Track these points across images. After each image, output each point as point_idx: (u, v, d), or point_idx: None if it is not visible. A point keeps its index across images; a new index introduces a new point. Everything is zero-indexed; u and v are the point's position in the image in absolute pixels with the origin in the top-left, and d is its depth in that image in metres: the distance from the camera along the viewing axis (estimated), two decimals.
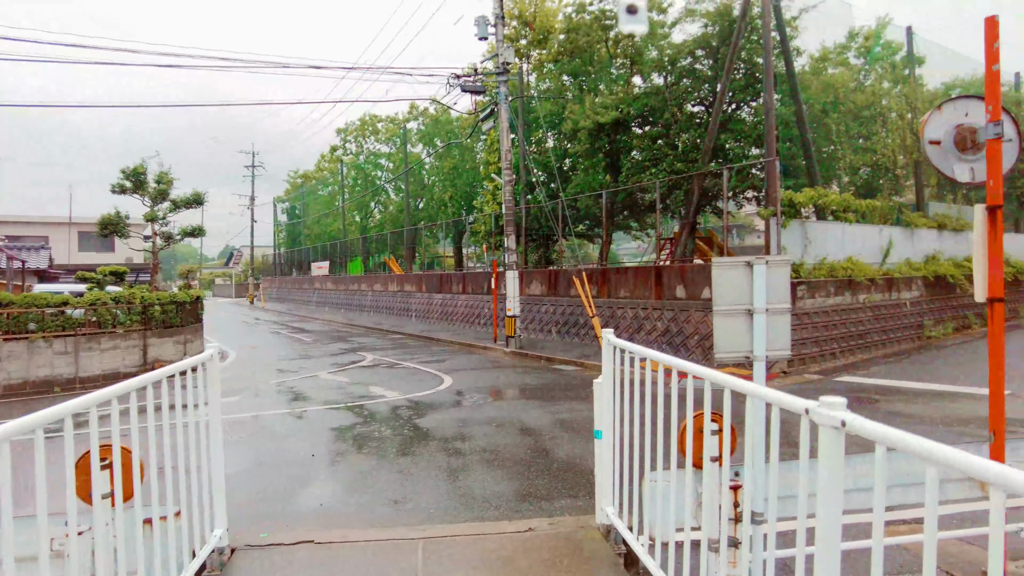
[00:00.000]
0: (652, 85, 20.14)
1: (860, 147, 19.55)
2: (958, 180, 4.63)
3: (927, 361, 13.76)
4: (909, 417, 8.96)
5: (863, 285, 14.83)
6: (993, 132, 4.24)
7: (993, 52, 4.22)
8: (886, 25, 20.05)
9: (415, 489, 6.31)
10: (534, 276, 20.60)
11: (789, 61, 17.00)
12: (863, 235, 15.87)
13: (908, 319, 15.97)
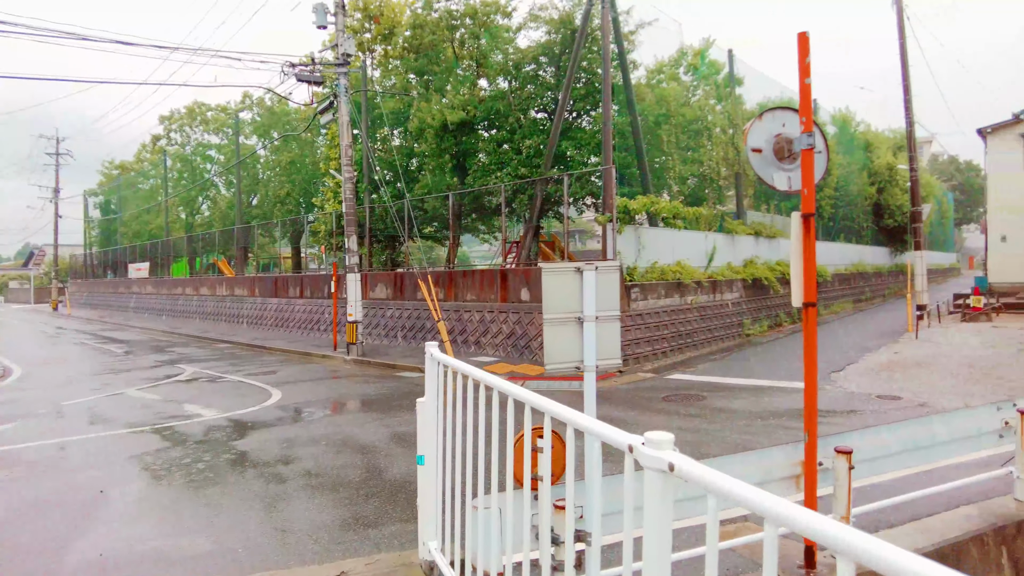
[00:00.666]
0: (498, 89, 20.16)
1: (689, 159, 20.94)
2: (777, 188, 4.76)
3: (747, 357, 14.89)
4: (733, 412, 9.49)
5: (691, 287, 15.79)
6: (807, 142, 4.38)
7: (805, 66, 4.35)
8: (710, 45, 21.68)
9: (223, 526, 5.50)
10: (379, 279, 19.78)
11: (626, 73, 17.73)
12: (691, 241, 16.93)
13: (730, 318, 17.27)
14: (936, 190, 42.62)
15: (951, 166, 66.34)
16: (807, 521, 1.12)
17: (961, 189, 63.68)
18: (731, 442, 7.79)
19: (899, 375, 11.79)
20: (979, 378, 11.20)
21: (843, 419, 8.86)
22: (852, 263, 27.73)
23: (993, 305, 19.63)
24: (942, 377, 11.44)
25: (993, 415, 5.57)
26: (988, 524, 5.10)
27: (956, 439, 5.39)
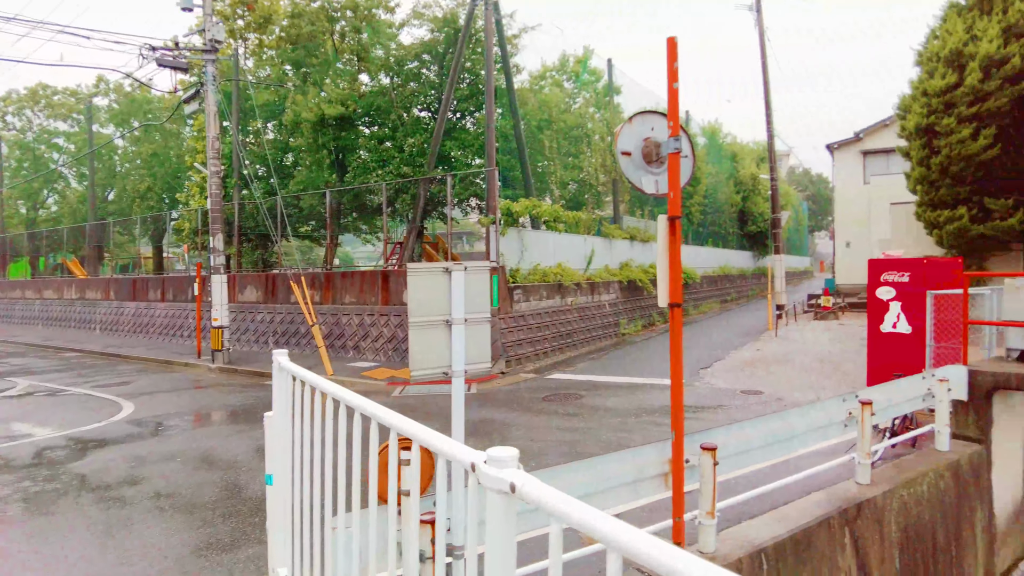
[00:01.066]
0: (379, 85, 19.64)
1: (570, 164, 21.44)
2: (645, 191, 4.82)
3: (623, 356, 15.38)
4: (609, 410, 9.70)
5: (571, 289, 16.10)
6: (673, 146, 4.46)
7: (673, 70, 4.43)
8: (590, 55, 22.32)
9: (49, 561, 4.82)
10: (249, 281, 18.63)
11: (509, 76, 17.83)
12: (571, 244, 17.29)
13: (607, 318, 17.79)
14: (793, 199, 46.50)
15: (805, 178, 72.76)
16: (646, 551, 1.00)
17: (814, 199, 69.99)
18: (607, 440, 7.92)
19: (761, 371, 12.60)
20: (829, 372, 12.20)
21: (711, 414, 9.30)
22: (719, 266, 29.59)
23: (840, 304, 21.61)
24: (798, 372, 12.36)
25: (840, 407, 6.00)
26: (835, 508, 5.46)
27: (810, 430, 5.74)
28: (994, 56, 14.00)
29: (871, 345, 9.49)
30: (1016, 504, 7.58)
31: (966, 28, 14.82)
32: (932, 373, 6.98)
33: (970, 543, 6.82)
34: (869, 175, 24.23)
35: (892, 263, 9.32)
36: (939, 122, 14.71)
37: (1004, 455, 7.43)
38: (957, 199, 15.07)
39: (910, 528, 6.07)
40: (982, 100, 14.14)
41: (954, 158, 14.51)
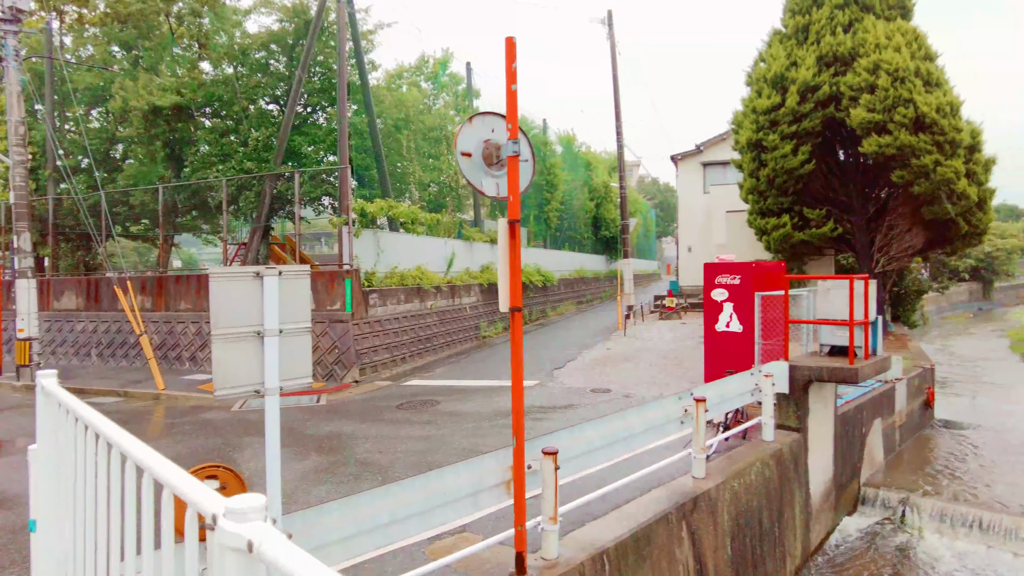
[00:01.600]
0: (223, 74, 18.21)
1: (430, 166, 21.16)
2: (486, 193, 4.70)
3: (483, 359, 15.36)
4: (465, 415, 9.56)
5: (431, 292, 15.85)
6: (512, 149, 4.37)
7: (512, 71, 4.34)
8: (450, 57, 22.21)
9: None
10: (67, 286, 16.54)
11: (364, 72, 17.24)
12: (431, 246, 17.04)
13: (468, 322, 17.73)
14: (642, 207, 49.35)
15: (654, 187, 77.73)
16: None
17: (661, 207, 74.87)
18: (461, 447, 7.77)
19: (610, 369, 13.08)
20: (672, 368, 12.91)
21: (562, 414, 9.44)
22: (576, 269, 30.65)
23: (683, 305, 23.10)
24: (644, 369, 12.96)
25: (676, 404, 6.25)
26: (673, 503, 5.66)
27: (649, 428, 5.91)
28: (809, 82, 15.57)
29: (707, 343, 10.12)
30: (827, 484, 8.36)
31: (787, 55, 16.37)
32: (759, 369, 7.51)
33: (790, 523, 7.41)
34: (709, 185, 26.17)
35: (725, 267, 9.99)
36: (766, 138, 16.12)
37: (818, 441, 8.17)
38: (782, 208, 16.60)
39: (740, 515, 6.46)
40: (800, 120, 15.68)
41: (778, 171, 15.96)
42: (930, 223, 15.26)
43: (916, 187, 14.24)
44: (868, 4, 15.69)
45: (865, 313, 7.87)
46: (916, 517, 8.41)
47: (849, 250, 17.38)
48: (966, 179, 14.41)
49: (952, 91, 14.76)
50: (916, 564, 7.54)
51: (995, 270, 44.57)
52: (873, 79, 14.41)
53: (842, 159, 16.88)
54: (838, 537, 8.33)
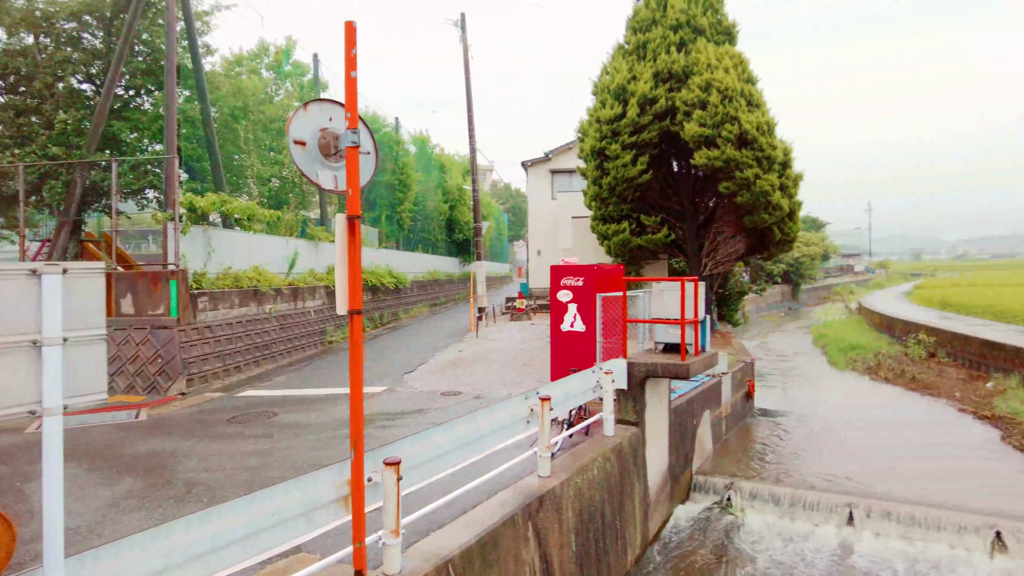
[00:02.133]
0: (20, 43, 15.83)
1: (271, 159, 19.88)
2: (323, 186, 4.38)
3: (328, 366, 14.64)
4: (305, 426, 8.99)
5: (270, 295, 14.85)
6: (351, 140, 4.09)
7: (351, 58, 4.06)
8: (294, 45, 21.03)
9: None
10: None
11: (196, 55, 15.82)
12: (270, 245, 15.98)
13: (313, 326, 16.85)
14: (495, 211, 50.18)
15: (506, 192, 79.37)
16: None
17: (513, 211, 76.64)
18: (300, 461, 7.26)
19: (462, 371, 13.01)
20: (520, 368, 13.10)
21: (411, 419, 9.19)
22: (429, 271, 30.39)
23: (533, 306, 23.68)
24: (494, 370, 13.03)
25: (523, 403, 6.26)
26: (519, 504, 5.64)
27: (498, 429, 5.86)
28: (648, 95, 16.60)
29: (554, 343, 10.34)
30: (663, 475, 8.85)
31: (629, 68, 17.34)
32: (600, 367, 7.77)
33: (631, 515, 7.73)
34: (556, 191, 27.09)
35: (570, 269, 10.27)
36: (608, 147, 16.95)
37: (654, 434, 8.62)
38: (622, 215, 17.53)
39: (584, 511, 6.61)
40: (639, 131, 16.66)
41: (619, 179, 16.84)
42: (751, 231, 16.82)
43: (739, 197, 15.63)
44: (700, 27, 17.00)
45: (695, 312, 8.43)
46: (739, 499, 9.16)
47: (681, 255, 18.73)
48: (780, 192, 16.07)
49: (768, 112, 16.40)
50: (739, 542, 8.18)
51: (801, 274, 50.54)
52: (705, 96, 15.63)
53: (676, 170, 18.14)
54: (673, 525, 8.84)
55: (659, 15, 17.47)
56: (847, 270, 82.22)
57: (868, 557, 7.68)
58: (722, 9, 17.94)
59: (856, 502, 8.51)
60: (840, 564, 7.57)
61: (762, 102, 16.42)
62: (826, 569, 7.48)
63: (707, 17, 17.26)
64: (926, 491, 8.94)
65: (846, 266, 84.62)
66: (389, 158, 27.12)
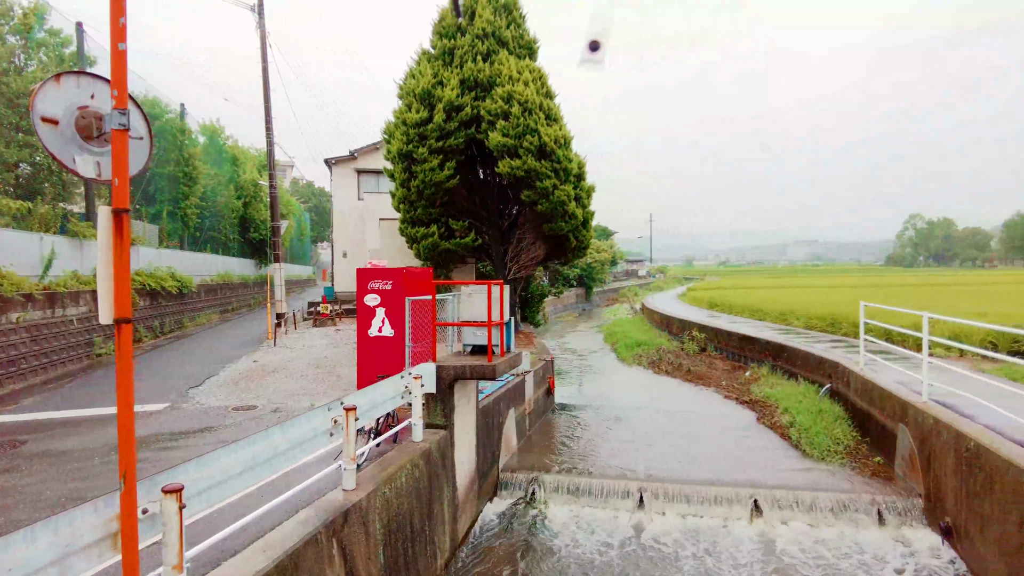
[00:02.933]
0: None
1: (18, 140, 16.82)
2: (81, 173, 3.74)
3: (96, 382, 12.76)
4: (63, 455, 7.70)
5: (16, 302, 12.55)
6: (119, 122, 3.53)
7: (119, 28, 3.51)
8: (47, 7, 18.05)
9: None
10: None
11: None
12: (19, 243, 13.55)
13: (76, 337, 14.57)
14: (296, 209, 47.57)
15: (308, 190, 75.71)
16: None
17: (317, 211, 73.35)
18: (54, 497, 6.18)
19: (257, 384, 12.07)
20: (324, 377, 12.49)
21: (198, 439, 8.29)
22: (220, 273, 27.88)
23: (338, 311, 22.80)
24: (295, 380, 12.27)
25: (325, 416, 5.92)
26: (321, 522, 5.31)
27: (296, 445, 5.46)
28: (454, 102, 16.81)
29: (361, 349, 10.00)
30: (471, 475, 8.96)
31: (434, 74, 17.42)
32: (409, 372, 7.64)
33: (440, 519, 7.70)
34: (363, 192, 26.41)
35: (378, 272, 10.01)
36: (416, 150, 16.87)
37: (463, 435, 8.69)
38: (431, 218, 17.56)
39: (392, 521, 6.43)
40: (447, 137, 16.82)
41: (427, 183, 16.85)
42: (550, 237, 17.78)
43: (540, 206, 16.44)
44: (503, 39, 17.60)
45: (501, 315, 8.65)
46: (542, 493, 9.57)
47: (487, 259, 19.25)
48: (575, 202, 17.18)
49: (566, 127, 17.46)
50: (542, 534, 8.53)
51: (594, 278, 54.70)
52: (508, 107, 16.20)
53: (483, 177, 18.61)
54: (481, 524, 8.98)
55: (466, 23, 17.80)
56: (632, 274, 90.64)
57: (655, 535, 8.44)
58: (524, 24, 18.77)
59: (645, 486, 9.32)
60: (633, 544, 8.22)
61: (559, 116, 17.45)
62: (621, 550, 8.08)
63: (511, 30, 17.94)
64: (700, 469, 10.07)
65: (631, 271, 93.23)
66: (173, 148, 24.45)
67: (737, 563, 7.69)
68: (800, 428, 11.69)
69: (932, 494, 8.48)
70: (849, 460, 10.32)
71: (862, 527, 8.48)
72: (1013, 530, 6.58)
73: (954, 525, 7.84)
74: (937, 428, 8.40)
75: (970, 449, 7.49)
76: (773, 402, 13.96)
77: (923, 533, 8.24)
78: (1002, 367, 11.99)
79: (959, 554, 7.64)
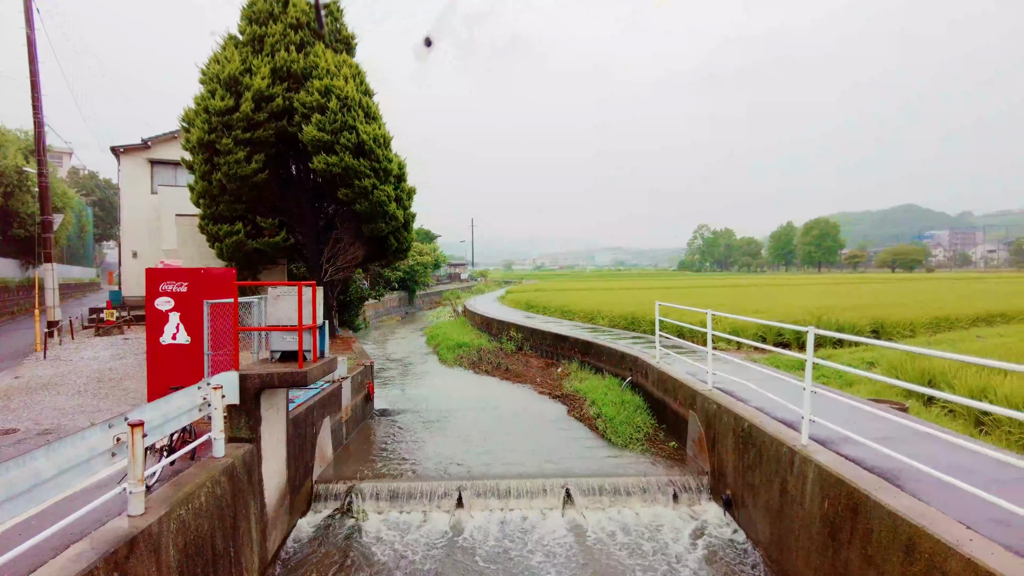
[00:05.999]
0: None
1: None
2: None
3: None
4: None
5: None
6: None
7: None
8: None
9: None
10: None
11: None
12: None
13: None
14: (74, 202, 41.68)
15: (92, 181, 66.68)
16: None
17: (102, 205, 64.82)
18: None
19: (21, 403, 10.34)
20: (108, 392, 11.05)
21: None
22: None
23: (126, 318, 20.32)
24: (71, 396, 10.71)
25: (105, 434, 5.21)
26: (100, 555, 4.66)
27: (67, 469, 4.74)
28: (264, 91, 15.75)
29: (151, 359, 8.98)
30: (281, 489, 8.43)
31: (242, 60, 16.19)
32: (208, 382, 6.99)
33: (247, 537, 7.14)
34: (158, 184, 23.83)
35: (171, 272, 9.06)
36: (219, 140, 15.55)
37: (271, 448, 8.15)
38: (236, 215, 16.27)
39: (190, 545, 5.83)
40: (255, 128, 15.70)
41: (232, 177, 15.60)
42: (370, 239, 17.36)
43: (358, 206, 15.98)
44: (319, 32, 16.87)
45: (313, 318, 8.25)
46: (360, 502, 9.28)
47: (301, 260, 18.32)
48: (396, 203, 16.95)
49: (385, 126, 17.16)
50: (359, 544, 8.27)
51: (416, 280, 54.47)
52: (324, 101, 15.54)
53: (296, 172, 17.67)
54: (294, 539, 8.49)
55: (278, 10, 16.81)
56: (455, 278, 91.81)
57: (473, 532, 8.56)
58: (342, 19, 18.17)
59: (464, 485, 9.42)
60: (452, 543, 8.26)
61: (379, 115, 17.12)
62: (441, 550, 8.08)
63: (328, 23, 17.27)
64: (518, 463, 10.42)
65: (454, 274, 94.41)
66: None
67: (550, 551, 8.06)
68: (606, 419, 12.57)
69: (716, 471, 9.55)
70: (649, 446, 11.30)
71: (659, 505, 9.32)
72: (776, 495, 7.60)
73: (734, 497, 8.89)
74: (719, 412, 9.48)
75: (744, 429, 8.55)
76: (582, 395, 14.88)
77: (710, 507, 9.25)
78: (770, 357, 13.90)
79: (737, 522, 8.68)
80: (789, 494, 7.26)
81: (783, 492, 7.42)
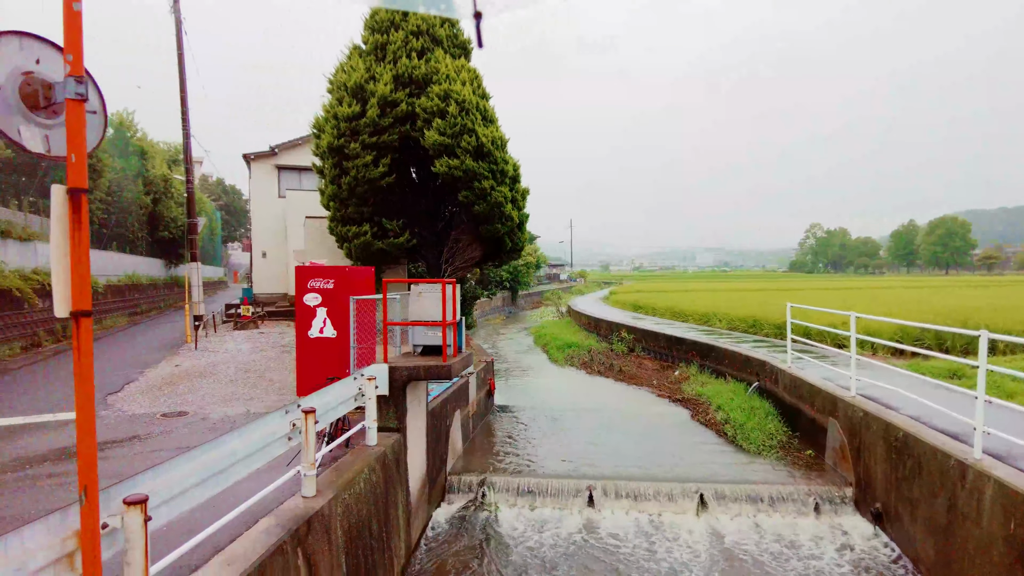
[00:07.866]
0: None
1: None
2: (28, 148, 3.31)
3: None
4: None
5: None
6: (76, 91, 3.14)
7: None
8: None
9: None
10: None
11: None
12: None
13: None
14: (207, 207, 45.18)
15: (218, 187, 72.11)
16: None
17: (227, 210, 70.00)
18: None
19: (183, 388, 11.28)
20: (255, 381, 11.83)
21: (126, 448, 7.62)
22: (127, 274, 26.05)
23: (259, 314, 21.76)
24: (225, 385, 11.56)
25: (283, 419, 5.56)
26: (286, 531, 4.97)
27: (254, 451, 5.09)
28: (388, 97, 16.37)
29: (300, 351, 9.53)
30: (422, 479, 8.70)
31: (367, 68, 16.91)
32: (363, 373, 7.31)
33: (396, 524, 7.41)
34: (284, 189, 25.37)
35: (318, 270, 9.58)
36: (348, 145, 16.31)
37: (414, 438, 8.42)
38: (363, 217, 17.01)
39: (353, 528, 6.12)
40: (380, 133, 16.35)
41: (360, 180, 16.32)
42: (486, 239, 17.63)
43: (477, 207, 16.28)
44: (438, 37, 17.35)
45: (453, 314, 8.46)
46: (492, 495, 9.41)
47: (420, 259, 18.89)
48: (511, 204, 17.13)
49: (500, 128, 17.38)
50: (495, 536, 8.38)
51: (520, 281, 54.99)
52: (444, 106, 15.95)
53: (418, 175, 18.25)
54: (432, 528, 8.73)
55: (399, 18, 17.42)
56: (554, 278, 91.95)
57: (609, 530, 8.47)
58: (458, 24, 18.58)
59: (594, 484, 9.35)
60: (587, 539, 8.21)
61: (495, 118, 17.35)
62: (577, 545, 8.05)
63: (445, 29, 17.71)
64: (645, 466, 10.22)
65: (552, 275, 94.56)
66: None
67: (690, 555, 7.83)
68: (735, 424, 12.10)
69: (862, 482, 8.94)
70: (783, 454, 10.76)
71: (800, 517, 8.84)
72: (941, 510, 7.01)
73: (884, 510, 8.29)
74: (867, 420, 8.87)
75: (899, 439, 7.95)
76: (705, 400, 14.41)
77: (856, 520, 8.68)
78: (911, 363, 12.88)
79: (890, 536, 8.09)
80: (960, 511, 6.67)
81: (951, 508, 6.83)
